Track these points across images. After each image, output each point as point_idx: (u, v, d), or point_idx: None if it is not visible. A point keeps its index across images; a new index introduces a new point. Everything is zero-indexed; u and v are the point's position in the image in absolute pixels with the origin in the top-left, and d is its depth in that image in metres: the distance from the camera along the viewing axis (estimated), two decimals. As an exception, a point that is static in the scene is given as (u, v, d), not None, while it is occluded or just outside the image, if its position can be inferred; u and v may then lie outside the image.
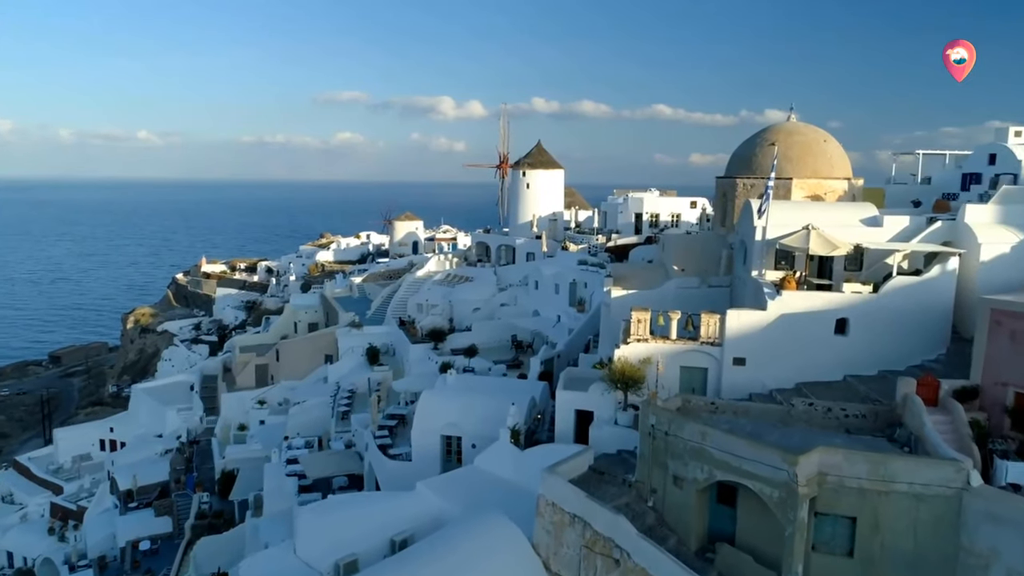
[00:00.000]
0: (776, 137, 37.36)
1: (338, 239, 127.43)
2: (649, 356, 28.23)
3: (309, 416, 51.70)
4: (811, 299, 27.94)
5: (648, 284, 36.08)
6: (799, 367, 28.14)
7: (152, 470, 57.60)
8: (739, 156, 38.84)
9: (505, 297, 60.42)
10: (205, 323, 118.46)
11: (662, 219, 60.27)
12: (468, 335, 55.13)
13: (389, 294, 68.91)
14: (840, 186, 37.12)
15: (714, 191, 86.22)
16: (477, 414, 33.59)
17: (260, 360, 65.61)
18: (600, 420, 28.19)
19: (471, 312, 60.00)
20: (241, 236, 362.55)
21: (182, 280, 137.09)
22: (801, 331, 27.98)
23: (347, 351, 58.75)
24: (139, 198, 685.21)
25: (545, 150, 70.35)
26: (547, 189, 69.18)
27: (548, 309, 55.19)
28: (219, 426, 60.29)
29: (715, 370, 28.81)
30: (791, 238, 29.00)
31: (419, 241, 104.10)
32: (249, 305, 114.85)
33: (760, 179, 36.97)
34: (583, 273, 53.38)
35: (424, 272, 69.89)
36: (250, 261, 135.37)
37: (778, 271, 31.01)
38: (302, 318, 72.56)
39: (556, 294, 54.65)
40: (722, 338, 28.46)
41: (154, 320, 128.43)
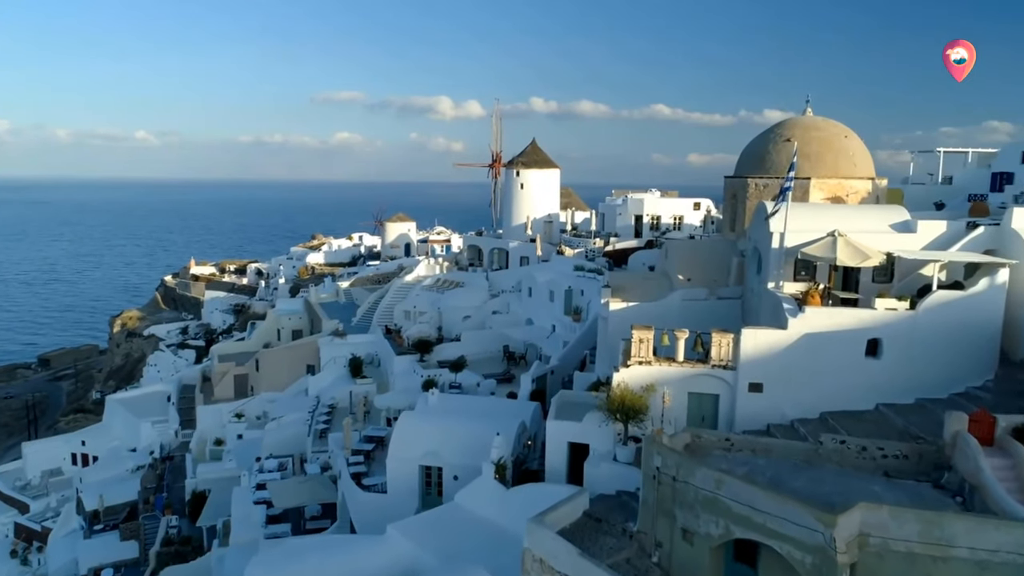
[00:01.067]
0: (792, 132, 33.71)
1: (329, 240, 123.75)
2: (653, 382, 24.57)
3: (285, 433, 48.04)
4: (838, 316, 24.28)
5: (650, 295, 32.45)
6: (824, 394, 24.50)
7: (121, 488, 53.97)
8: (751, 154, 35.13)
9: (497, 304, 56.74)
10: (192, 327, 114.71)
11: (663, 222, 56.55)
12: (457, 346, 51.47)
13: (376, 300, 65.27)
14: (863, 187, 33.45)
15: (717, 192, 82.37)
16: (460, 442, 29.94)
17: (240, 370, 61.91)
18: (597, 455, 24.53)
19: (461, 320, 56.34)
20: (238, 236, 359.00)
21: (171, 282, 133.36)
22: (827, 353, 24.33)
23: (329, 362, 55.06)
24: (137, 198, 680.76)
25: (540, 148, 66.65)
26: (542, 189, 65.50)
27: (542, 318, 51.53)
28: (194, 441, 56.65)
29: (728, 397, 25.17)
30: (815, 246, 25.33)
31: (411, 243, 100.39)
32: (237, 309, 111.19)
33: (774, 179, 33.32)
34: (579, 280, 49.73)
35: (413, 277, 66.21)
36: (240, 263, 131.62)
37: (798, 283, 27.36)
38: (285, 325, 68.84)
39: (551, 302, 51.01)
40: (736, 361, 24.81)
41: (141, 323, 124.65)
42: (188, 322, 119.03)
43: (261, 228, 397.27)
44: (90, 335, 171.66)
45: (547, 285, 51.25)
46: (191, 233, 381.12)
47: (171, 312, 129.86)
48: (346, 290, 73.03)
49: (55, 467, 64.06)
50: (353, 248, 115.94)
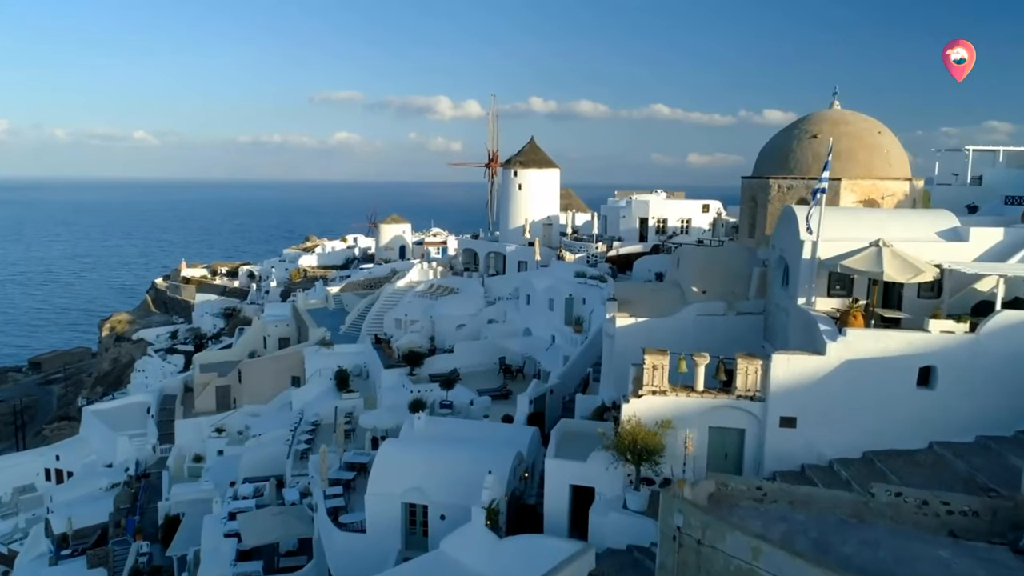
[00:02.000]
0: (819, 128, 30.20)
1: (323, 242, 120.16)
2: (669, 416, 21.04)
3: (265, 453, 44.52)
4: (886, 340, 20.75)
5: (660, 310, 28.93)
6: (869, 430, 20.99)
7: (94, 509, 50.37)
8: (772, 152, 31.58)
9: (493, 312, 53.19)
10: (182, 331, 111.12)
11: (670, 225, 52.97)
12: (449, 358, 47.92)
13: (366, 307, 61.70)
14: (900, 188, 29.93)
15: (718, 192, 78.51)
16: (447, 476, 26.41)
17: (222, 381, 58.34)
18: (604, 502, 21.01)
19: (455, 329, 52.76)
20: (236, 237, 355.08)
21: (161, 285, 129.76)
22: (872, 383, 20.81)
23: (314, 374, 51.49)
24: (135, 198, 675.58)
25: (539, 147, 63.08)
26: (541, 190, 61.95)
27: (541, 328, 48.00)
28: (172, 457, 53.06)
29: (755, 432, 21.66)
30: (857, 259, 21.79)
31: (406, 245, 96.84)
32: (228, 312, 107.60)
33: (799, 179, 29.84)
34: (581, 287, 46.21)
35: (405, 282, 62.60)
36: (232, 265, 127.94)
37: (832, 298, 23.84)
38: (272, 332, 65.20)
39: (550, 311, 47.47)
40: (766, 391, 21.29)
41: (130, 327, 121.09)
42: (178, 326, 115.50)
43: (259, 228, 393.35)
44: (84, 337, 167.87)
45: (546, 293, 47.73)
46: (189, 233, 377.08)
47: (161, 315, 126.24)
48: (336, 295, 69.40)
49: (27, 483, 60.40)
50: (347, 250, 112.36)
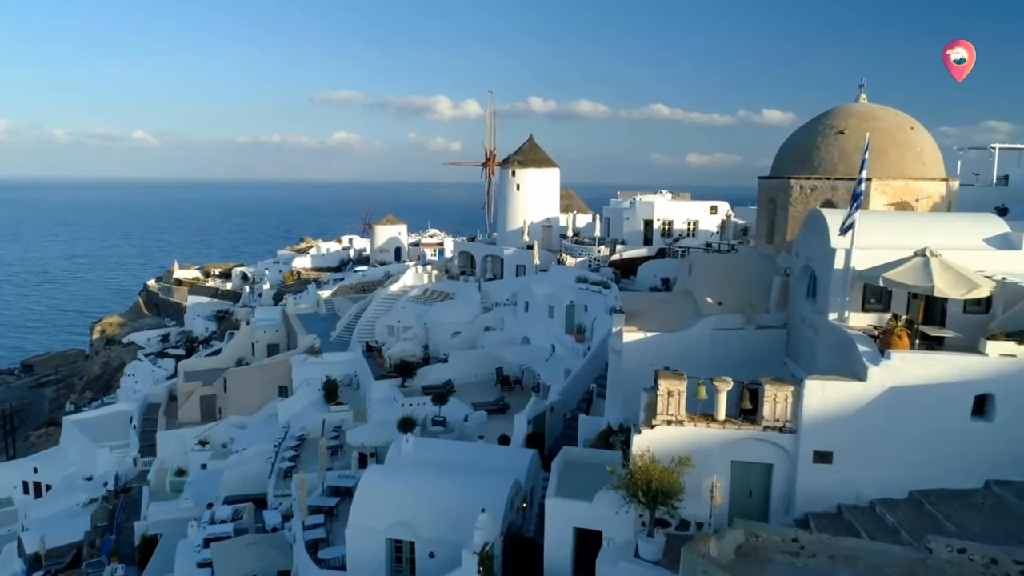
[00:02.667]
0: (845, 123, 27.50)
1: (318, 243, 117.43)
2: (687, 452, 18.33)
3: (247, 469, 41.77)
4: (936, 365, 18.05)
5: (671, 323, 26.22)
6: (916, 467, 18.30)
7: (70, 526, 47.60)
8: (793, 149, 28.83)
9: (490, 319, 50.44)
10: (173, 334, 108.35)
11: (676, 228, 50.21)
12: (444, 368, 45.15)
13: (358, 312, 58.96)
14: (935, 189, 27.19)
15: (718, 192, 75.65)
16: (437, 508, 23.70)
17: (206, 390, 55.52)
18: (613, 549, 18.30)
19: (450, 337, 50.00)
20: (234, 237, 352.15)
21: (153, 287, 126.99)
22: (920, 413, 18.12)
23: (302, 384, 48.74)
24: (134, 198, 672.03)
25: (538, 146, 60.33)
26: (540, 191, 59.19)
27: (540, 336, 45.27)
28: (153, 471, 50.37)
29: (785, 468, 18.96)
30: (901, 270, 19.07)
31: (402, 247, 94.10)
32: (220, 316, 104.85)
33: (824, 180, 27.11)
34: (582, 293, 43.45)
35: (398, 287, 59.82)
36: (225, 266, 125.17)
37: (867, 313, 21.13)
38: (260, 339, 62.44)
39: (550, 318, 44.72)
40: (797, 421, 18.59)
41: (121, 330, 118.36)
42: (169, 329, 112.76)
43: (258, 229, 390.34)
44: (79, 339, 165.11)
45: (546, 299, 44.97)
46: (187, 234, 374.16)
47: (153, 318, 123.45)
48: (327, 300, 66.63)
49: (4, 496, 57.68)
50: (342, 252, 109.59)
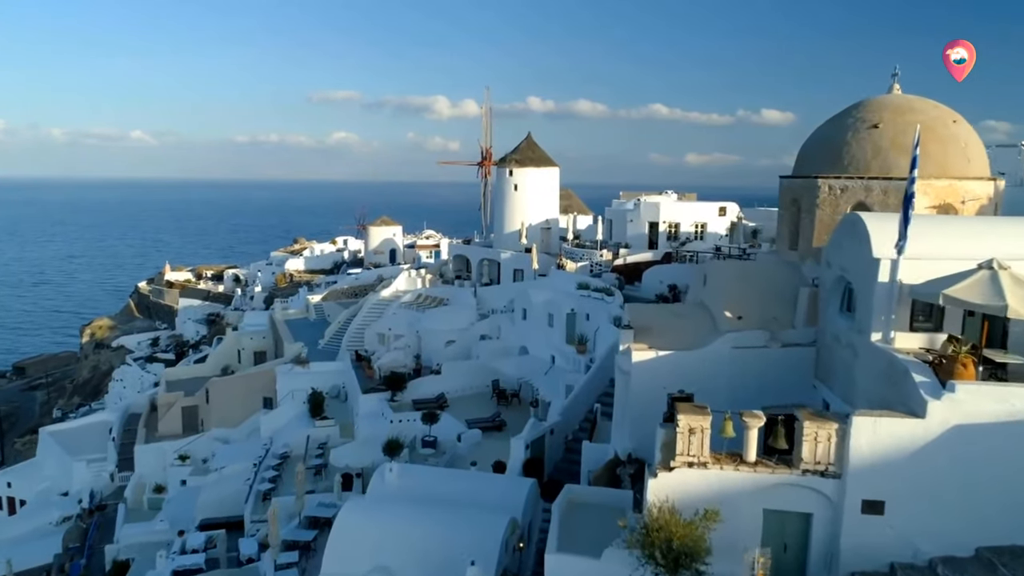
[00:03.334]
0: (879, 116, 24.57)
1: (312, 245, 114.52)
2: (713, 500, 15.43)
3: (226, 490, 38.83)
4: (1011, 399, 15.14)
5: (686, 340, 23.29)
6: (985, 519, 15.39)
7: (39, 548, 44.54)
8: (820, 145, 25.86)
9: (486, 327, 47.51)
10: (164, 338, 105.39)
11: (683, 230, 47.27)
12: (436, 380, 42.24)
13: (348, 318, 56.02)
14: (983, 190, 24.23)
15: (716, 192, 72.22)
16: (421, 551, 20.81)
17: (188, 401, 52.57)
18: (625, 618, 15.40)
19: (443, 346, 47.06)
20: (232, 237, 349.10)
21: (144, 289, 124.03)
22: (990, 456, 15.22)
23: (287, 396, 45.83)
24: (132, 198, 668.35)
25: (536, 144, 57.40)
26: (539, 191, 56.25)
27: (539, 346, 42.36)
28: (131, 487, 47.44)
29: (827, 518, 16.05)
30: (965, 286, 16.11)
31: (397, 249, 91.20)
32: (211, 319, 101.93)
33: (856, 179, 24.18)
34: (584, 301, 40.61)
35: (390, 292, 56.85)
36: (217, 268, 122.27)
37: (916, 333, 18.22)
38: (247, 346, 59.48)
39: (549, 327, 41.82)
40: (843, 464, 15.69)
41: (111, 333, 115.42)
42: (160, 332, 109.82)
43: (256, 229, 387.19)
44: (73, 341, 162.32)
45: (545, 307, 42.07)
46: (185, 234, 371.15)
47: (144, 321, 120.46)
48: (317, 305, 63.64)
49: (-24, 513, 54.79)
50: (336, 253, 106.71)
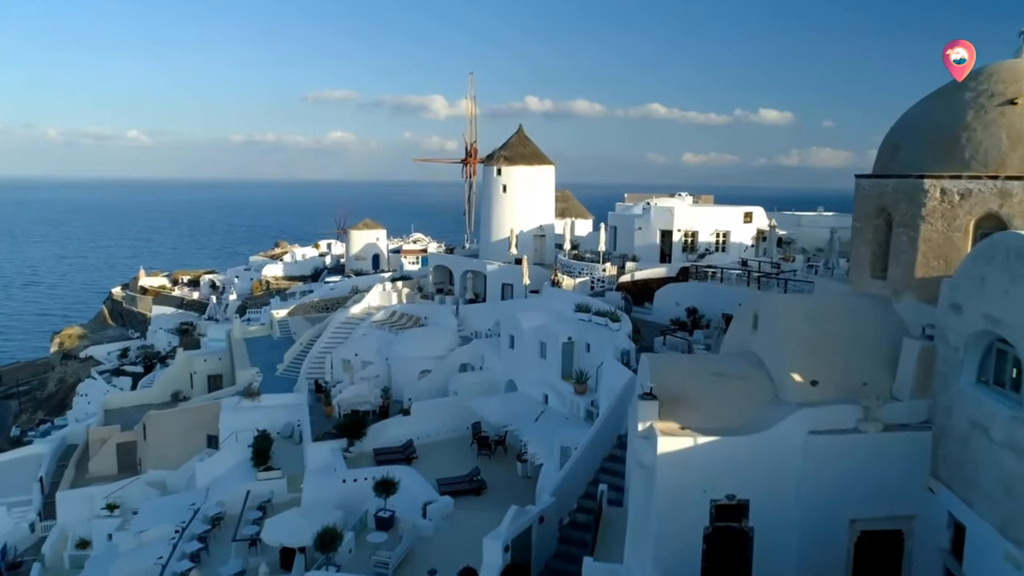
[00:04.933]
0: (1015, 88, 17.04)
1: (293, 249, 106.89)
2: None
3: (144, 560, 31.19)
4: None
5: (733, 414, 15.67)
6: None
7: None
8: (924, 131, 18.19)
9: (467, 354, 39.84)
10: (133, 349, 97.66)
11: (701, 240, 39.59)
12: (405, 423, 34.47)
13: (312, 339, 48.37)
14: None
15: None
16: None
17: (125, 436, 44.89)
18: None
19: (416, 377, 39.46)
20: (227, 238, 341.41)
21: (118, 295, 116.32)
22: None
23: (230, 437, 38.18)
24: (129, 197, 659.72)
25: (528, 139, 49.75)
26: (531, 192, 48.62)
27: (529, 381, 34.70)
28: (50, 541, 39.93)
29: None
30: None
31: (381, 254, 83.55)
32: (183, 329, 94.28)
33: (987, 179, 16.67)
34: (584, 327, 33.06)
35: (361, 309, 49.10)
36: (194, 273, 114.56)
37: None
38: (200, 369, 51.86)
39: (542, 358, 34.19)
40: None
41: (81, 343, 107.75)
42: (131, 342, 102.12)
43: (252, 229, 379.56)
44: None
45: (536, 334, 34.42)
46: (180, 234, 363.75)
47: (117, 329, 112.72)
48: (282, 321, 55.89)
49: None
50: (319, 258, 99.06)
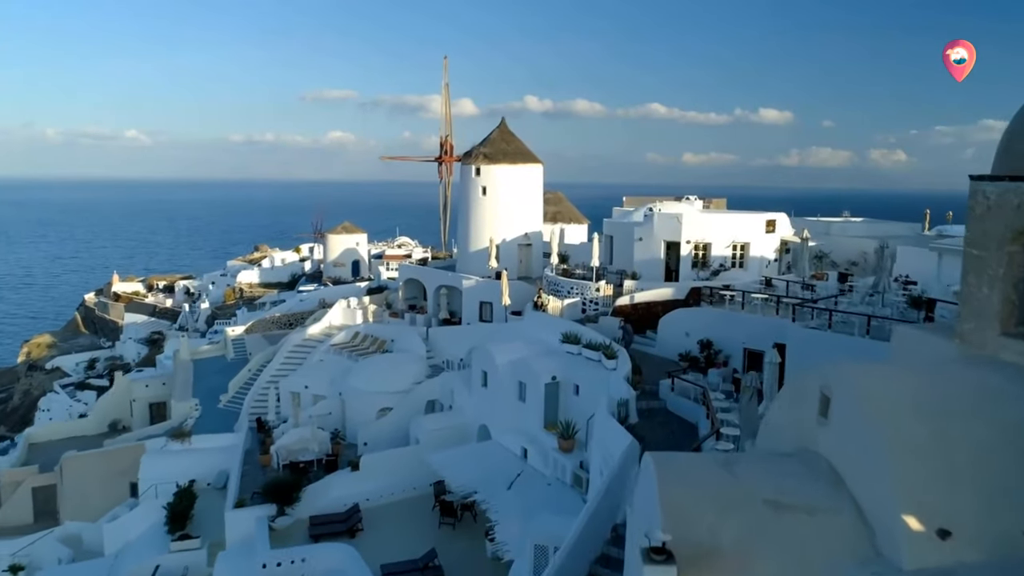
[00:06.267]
0: None
1: (273, 253, 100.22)
2: None
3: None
4: None
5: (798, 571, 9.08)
6: None
7: None
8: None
9: (436, 389, 33.18)
10: (102, 360, 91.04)
11: (715, 253, 32.80)
12: (352, 480, 27.79)
13: (264, 363, 41.69)
14: None
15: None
16: None
17: (42, 479, 38.30)
18: None
19: (375, 415, 32.80)
20: (223, 238, 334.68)
21: (91, 301, 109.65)
22: None
23: (149, 491, 31.50)
24: (126, 197, 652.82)
25: (512, 134, 43.07)
26: (516, 195, 41.97)
27: (504, 429, 28.02)
28: (-57, 609, 33.25)
29: None
30: None
31: (361, 260, 76.89)
32: (153, 339, 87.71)
33: None
34: (572, 363, 26.43)
35: (320, 329, 42.37)
36: (171, 279, 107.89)
37: None
38: (140, 396, 45.25)
39: (520, 401, 27.55)
40: None
41: (49, 352, 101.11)
42: (100, 352, 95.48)
43: (249, 229, 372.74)
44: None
45: (513, 371, 27.73)
46: (177, 234, 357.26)
47: (89, 337, 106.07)
48: (238, 339, 49.09)
49: None
50: (299, 264, 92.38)
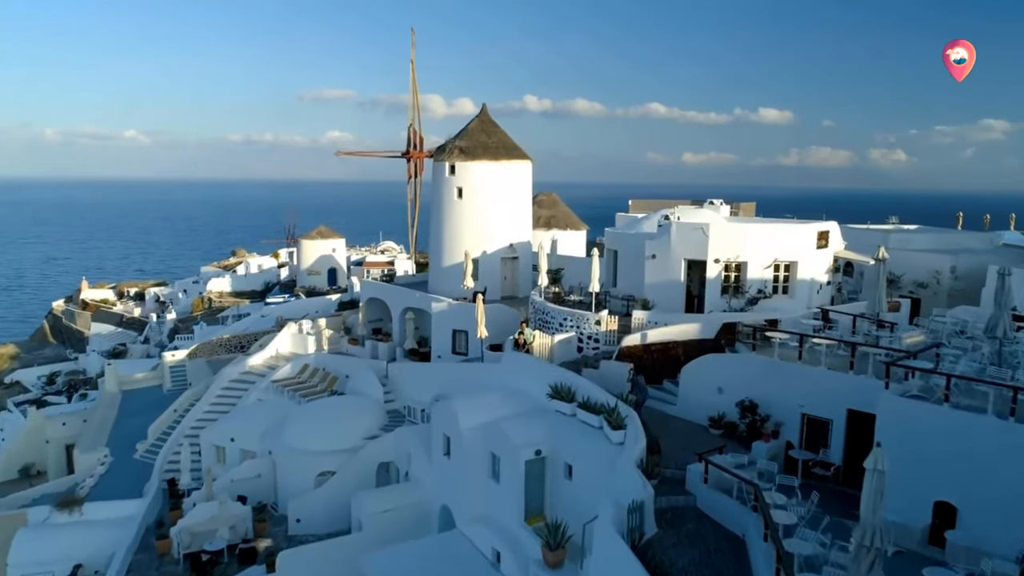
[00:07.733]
0: None
1: (250, 258, 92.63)
2: None
3: None
4: None
5: None
6: None
7: None
8: None
9: (389, 450, 25.57)
10: (63, 373, 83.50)
11: (751, 276, 24.90)
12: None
13: (194, 399, 33.99)
14: None
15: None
16: None
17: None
18: None
19: (312, 481, 25.23)
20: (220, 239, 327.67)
21: (58, 309, 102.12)
22: None
23: (16, 582, 23.95)
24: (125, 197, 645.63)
25: (496, 125, 35.44)
26: (499, 198, 34.36)
27: (473, 519, 20.42)
28: None
29: None
30: None
31: (338, 268, 69.32)
32: (117, 351, 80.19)
33: None
34: (562, 429, 18.85)
35: (263, 360, 34.64)
36: (142, 285, 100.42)
37: None
38: (56, 436, 37.78)
39: (492, 480, 20.00)
40: None
41: (11, 364, 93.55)
42: (65, 364, 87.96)
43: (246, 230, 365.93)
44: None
45: (484, 440, 20.10)
46: (174, 234, 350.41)
47: (56, 348, 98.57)
48: (177, 366, 41.33)
49: None
50: (276, 270, 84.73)
